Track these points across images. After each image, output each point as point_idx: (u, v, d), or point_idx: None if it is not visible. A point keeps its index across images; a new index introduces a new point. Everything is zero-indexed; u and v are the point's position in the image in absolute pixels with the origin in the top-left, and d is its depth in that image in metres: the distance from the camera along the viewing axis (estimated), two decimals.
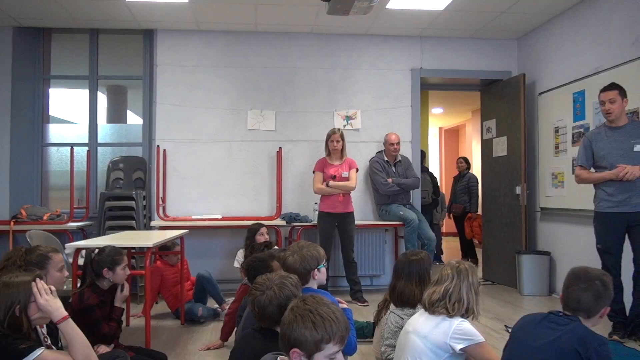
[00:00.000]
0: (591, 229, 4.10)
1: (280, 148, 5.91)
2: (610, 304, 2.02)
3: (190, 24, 5.74)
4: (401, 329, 2.60)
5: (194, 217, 5.74)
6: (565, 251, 5.37)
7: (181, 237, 4.46)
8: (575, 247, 5.19)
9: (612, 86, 3.89)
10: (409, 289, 2.79)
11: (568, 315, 1.99)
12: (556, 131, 5.43)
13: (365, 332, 3.76)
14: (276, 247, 4.02)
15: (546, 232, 5.74)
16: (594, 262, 4.22)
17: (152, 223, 5.57)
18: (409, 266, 2.87)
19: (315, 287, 2.55)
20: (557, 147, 5.43)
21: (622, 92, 3.85)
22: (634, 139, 3.80)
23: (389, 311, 2.83)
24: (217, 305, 4.69)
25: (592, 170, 4.03)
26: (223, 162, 5.92)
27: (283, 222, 5.60)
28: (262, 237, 4.69)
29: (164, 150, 5.81)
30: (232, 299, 3.86)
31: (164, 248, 4.56)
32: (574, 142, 5.11)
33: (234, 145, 5.94)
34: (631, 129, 3.84)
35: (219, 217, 5.76)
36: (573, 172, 4.83)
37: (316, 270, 2.52)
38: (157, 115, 5.87)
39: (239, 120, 5.96)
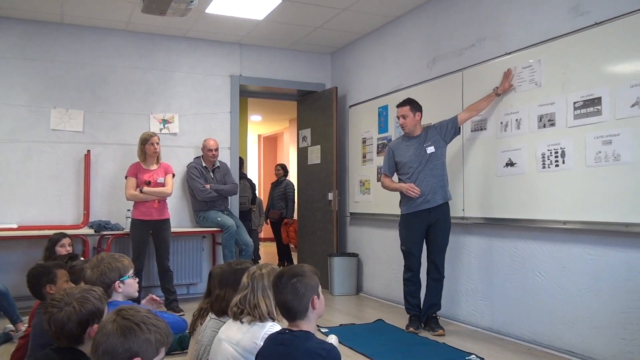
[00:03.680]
0: (392, 231, 4.51)
1: (88, 151, 5.49)
2: (317, 293, 1.98)
3: None
4: None
5: None
6: (371, 252, 5.83)
7: None
8: (379, 248, 5.66)
9: (406, 102, 4.32)
10: (232, 297, 2.59)
11: (292, 331, 1.96)
12: (364, 142, 5.88)
13: (184, 344, 3.65)
14: (82, 259, 3.71)
15: (354, 235, 6.18)
16: (395, 260, 4.65)
17: None
18: (235, 275, 2.72)
19: (120, 299, 2.42)
20: (364, 156, 5.88)
21: (415, 107, 4.29)
22: (426, 143, 4.26)
23: (208, 317, 2.76)
24: (10, 325, 4.17)
25: (395, 177, 4.43)
26: (20, 165, 5.29)
27: (91, 231, 5.19)
28: (64, 248, 4.28)
29: None
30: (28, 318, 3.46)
31: None
32: (378, 152, 5.58)
33: (33, 146, 5.35)
34: (424, 135, 4.30)
35: (15, 226, 5.13)
36: (378, 180, 5.29)
37: (118, 282, 2.42)
38: None
39: (41, 119, 5.39)
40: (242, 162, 7.11)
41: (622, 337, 3.29)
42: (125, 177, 5.10)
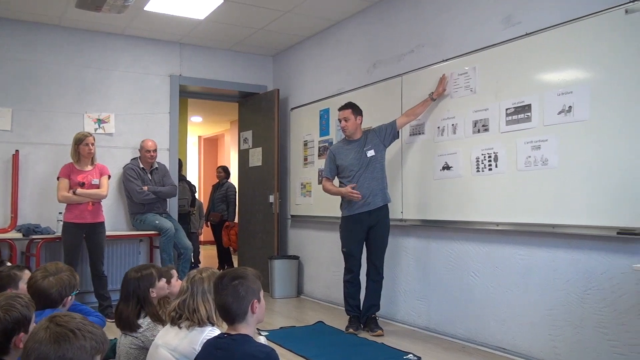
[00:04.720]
0: (333, 233, 4.55)
1: (17, 151, 5.22)
2: (258, 298, 1.98)
3: None
4: (137, 348, 2.49)
5: None
6: (312, 255, 5.86)
7: None
8: (320, 250, 5.69)
9: (347, 105, 4.39)
10: (126, 311, 2.55)
11: (231, 334, 1.93)
12: (305, 144, 5.91)
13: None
14: (9, 264, 3.53)
15: (296, 237, 6.18)
16: (336, 262, 4.67)
17: None
18: (127, 286, 2.64)
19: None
20: (305, 159, 5.90)
21: (356, 111, 4.36)
22: (366, 146, 4.33)
23: (120, 333, 2.65)
24: None
25: (336, 180, 4.48)
26: None
27: (19, 235, 4.95)
28: None
29: None
30: None
31: None
32: (320, 155, 5.62)
33: None
34: (364, 139, 4.37)
35: None
36: (319, 183, 5.32)
37: (70, 297, 2.39)
38: None
39: None
40: (181, 164, 6.97)
41: (548, 333, 3.45)
42: (58, 179, 4.89)
